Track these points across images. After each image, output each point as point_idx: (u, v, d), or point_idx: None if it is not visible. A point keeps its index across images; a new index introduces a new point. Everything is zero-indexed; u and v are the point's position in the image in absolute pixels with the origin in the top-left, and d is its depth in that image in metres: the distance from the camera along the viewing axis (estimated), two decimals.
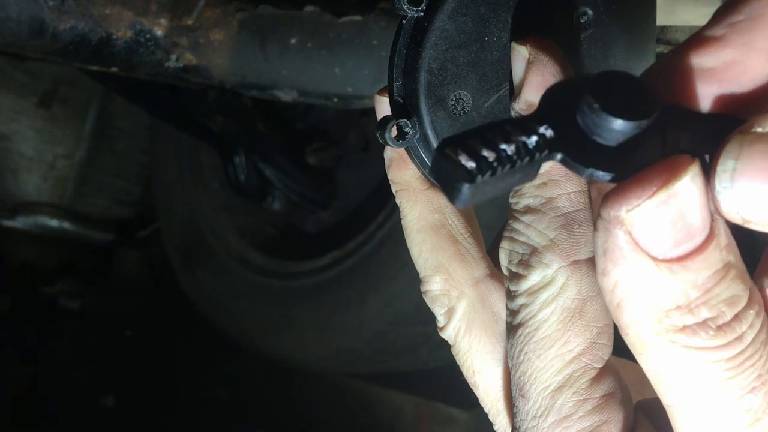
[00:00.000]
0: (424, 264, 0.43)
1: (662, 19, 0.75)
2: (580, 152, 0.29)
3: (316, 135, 1.73)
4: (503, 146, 0.29)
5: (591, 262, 0.36)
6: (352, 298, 1.53)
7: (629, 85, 0.29)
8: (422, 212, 0.43)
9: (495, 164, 0.29)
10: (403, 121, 0.39)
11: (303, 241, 1.84)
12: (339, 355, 1.61)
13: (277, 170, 1.68)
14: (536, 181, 0.36)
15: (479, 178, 0.29)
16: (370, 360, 1.60)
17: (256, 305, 1.77)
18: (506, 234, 0.38)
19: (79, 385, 1.95)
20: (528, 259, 0.36)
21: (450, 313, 0.43)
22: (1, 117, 2.30)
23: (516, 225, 0.37)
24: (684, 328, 0.29)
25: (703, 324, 0.28)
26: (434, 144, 0.39)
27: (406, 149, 0.41)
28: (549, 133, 0.30)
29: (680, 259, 0.28)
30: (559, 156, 0.30)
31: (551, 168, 0.36)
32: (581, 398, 0.35)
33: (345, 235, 1.60)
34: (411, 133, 0.39)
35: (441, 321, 0.44)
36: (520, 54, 0.37)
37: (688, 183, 0.27)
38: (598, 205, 0.48)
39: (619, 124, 0.28)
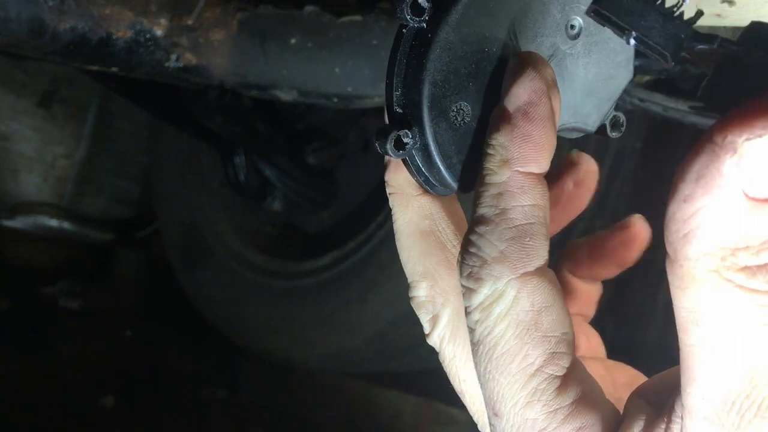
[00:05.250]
0: (412, 269, 0.43)
1: None
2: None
3: (316, 135, 1.73)
4: None
5: (541, 273, 0.36)
6: (352, 298, 1.53)
7: None
8: (412, 217, 0.43)
9: None
10: (403, 132, 0.39)
11: (303, 241, 1.84)
12: (339, 355, 1.61)
13: (277, 170, 1.68)
14: (493, 191, 0.37)
15: None
16: (370, 360, 1.60)
17: (256, 305, 1.77)
18: (462, 246, 0.38)
19: (79, 385, 1.95)
20: (478, 272, 0.36)
21: (435, 320, 0.43)
22: (1, 117, 2.30)
23: (471, 236, 0.37)
24: (745, 268, 0.29)
25: (764, 267, 0.29)
26: (435, 154, 0.40)
27: (407, 159, 0.41)
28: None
29: (765, 200, 0.28)
30: (688, 31, 0.32)
31: (509, 179, 0.36)
32: (551, 410, 0.35)
33: (345, 235, 1.60)
34: (411, 143, 0.39)
35: (426, 328, 0.44)
36: (510, 65, 0.38)
37: None
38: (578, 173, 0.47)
39: None
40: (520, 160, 0.36)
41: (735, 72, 0.30)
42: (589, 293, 0.53)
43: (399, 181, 0.43)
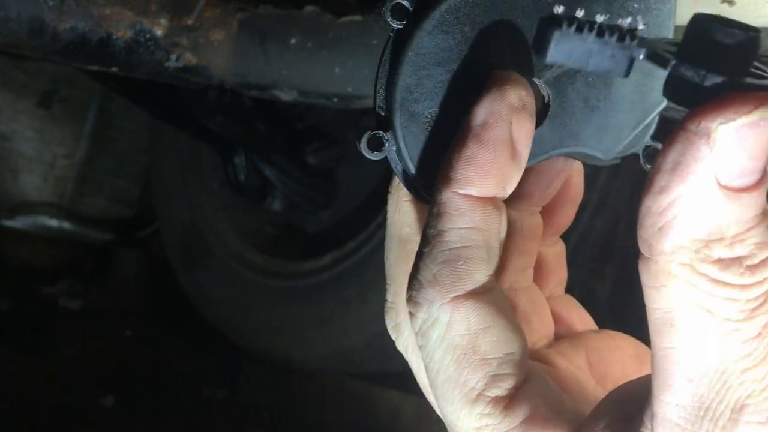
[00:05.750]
0: (387, 271, 0.43)
1: None
2: (665, 52, 0.31)
3: (316, 135, 1.73)
4: (599, 16, 0.34)
5: (475, 295, 0.36)
6: (352, 298, 1.53)
7: (725, 18, 0.30)
8: (397, 221, 0.43)
9: (585, 24, 0.34)
10: (379, 133, 0.39)
11: (303, 241, 1.84)
12: (339, 355, 1.61)
13: (277, 170, 1.68)
14: (435, 210, 0.36)
15: (565, 26, 0.33)
16: (371, 360, 1.60)
17: (256, 305, 1.77)
18: (412, 267, 0.37)
19: (79, 385, 1.95)
20: (416, 296, 0.36)
21: (397, 329, 0.43)
22: (1, 117, 2.30)
23: (416, 257, 0.37)
24: (719, 260, 0.29)
25: (736, 260, 0.29)
26: (407, 159, 0.39)
27: (388, 160, 0.40)
28: (642, 24, 0.34)
29: (737, 190, 0.28)
30: (643, 51, 0.33)
31: (447, 200, 0.36)
32: None
33: (345, 235, 1.60)
34: (387, 145, 0.39)
35: (391, 334, 0.43)
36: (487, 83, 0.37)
37: None
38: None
39: (736, 35, 0.29)
40: (460, 182, 0.35)
41: (692, 90, 0.30)
42: (556, 258, 0.52)
43: (398, 180, 0.42)
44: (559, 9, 0.35)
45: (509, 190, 0.37)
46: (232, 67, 1.06)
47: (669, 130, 0.33)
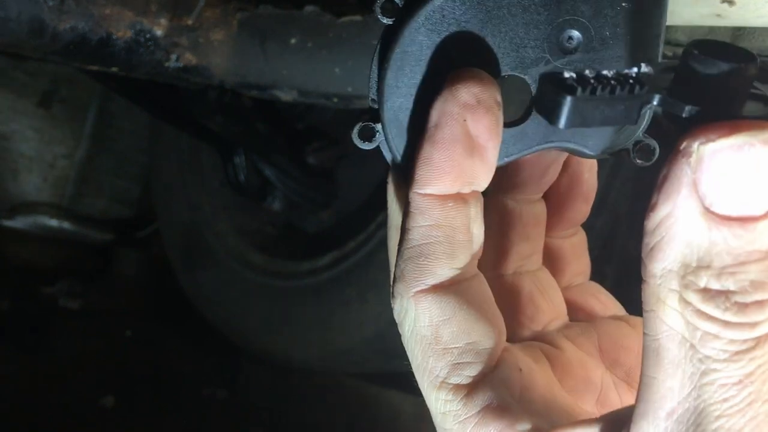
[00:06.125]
0: (390, 259, 0.44)
1: None
2: (677, 94, 0.31)
3: (316, 135, 1.73)
4: (604, 72, 0.34)
5: (437, 289, 0.37)
6: (352, 298, 1.53)
7: (725, 45, 0.30)
8: (395, 211, 0.44)
9: (594, 83, 0.33)
10: (370, 124, 0.41)
11: (303, 241, 1.84)
12: (339, 355, 1.61)
13: (277, 170, 1.68)
14: (404, 210, 0.38)
15: (579, 91, 0.33)
16: (370, 360, 1.60)
17: (256, 305, 1.76)
18: None
19: (79, 385, 1.95)
20: (393, 289, 0.38)
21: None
22: (1, 117, 2.30)
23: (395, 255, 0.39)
24: (705, 290, 0.28)
25: (724, 293, 0.27)
26: (394, 150, 0.40)
27: (381, 151, 0.42)
28: (648, 69, 0.34)
29: (728, 219, 0.27)
30: (657, 97, 0.32)
31: (410, 200, 0.37)
32: (460, 420, 0.36)
33: (345, 235, 1.60)
34: (377, 136, 0.41)
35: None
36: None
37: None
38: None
39: (719, 66, 0.29)
40: (418, 182, 0.37)
41: (689, 121, 0.31)
42: (572, 249, 0.52)
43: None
44: (570, 74, 0.35)
45: (480, 184, 0.37)
46: (232, 67, 1.06)
47: (661, 127, 0.34)
